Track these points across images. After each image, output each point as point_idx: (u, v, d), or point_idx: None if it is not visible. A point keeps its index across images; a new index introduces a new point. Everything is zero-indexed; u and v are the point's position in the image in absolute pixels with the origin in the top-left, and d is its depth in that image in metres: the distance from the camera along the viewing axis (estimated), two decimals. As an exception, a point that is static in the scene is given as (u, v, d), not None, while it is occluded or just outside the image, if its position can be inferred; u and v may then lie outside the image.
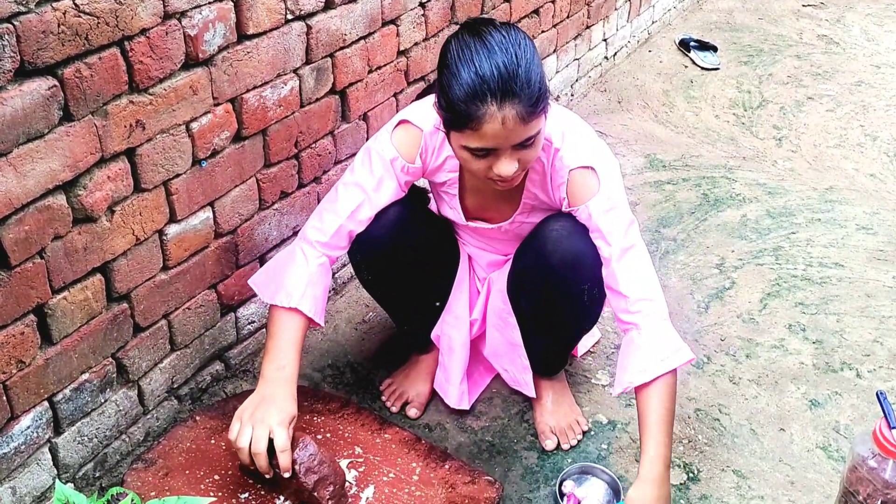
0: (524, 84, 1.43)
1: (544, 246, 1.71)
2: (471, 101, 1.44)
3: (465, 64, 1.45)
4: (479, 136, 1.46)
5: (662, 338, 1.63)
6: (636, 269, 1.64)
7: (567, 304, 1.79)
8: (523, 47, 1.46)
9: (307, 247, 1.73)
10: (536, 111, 1.46)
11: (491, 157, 1.51)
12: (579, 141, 1.66)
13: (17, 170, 1.37)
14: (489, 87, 1.42)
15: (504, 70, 1.42)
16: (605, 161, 1.65)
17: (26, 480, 1.58)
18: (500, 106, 1.43)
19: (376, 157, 1.72)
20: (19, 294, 1.45)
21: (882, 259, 2.64)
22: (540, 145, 1.55)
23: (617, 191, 1.65)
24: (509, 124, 1.44)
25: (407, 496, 1.64)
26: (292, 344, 1.66)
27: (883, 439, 1.55)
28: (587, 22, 3.47)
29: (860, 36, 4.49)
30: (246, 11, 1.73)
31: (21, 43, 1.31)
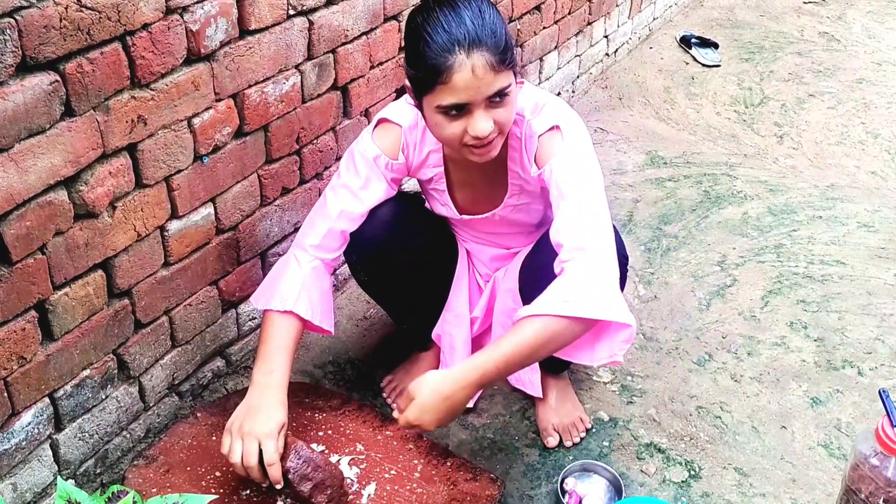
0: (490, 33, 1.47)
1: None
2: (440, 53, 1.47)
3: (433, 24, 1.49)
4: (451, 90, 1.48)
5: (584, 287, 1.48)
6: (580, 221, 1.55)
7: None
8: (486, 5, 1.52)
9: (299, 252, 1.75)
10: (505, 61, 1.49)
11: (465, 116, 1.52)
12: (548, 109, 1.67)
13: (18, 165, 1.36)
14: (457, 38, 1.46)
15: (470, 22, 1.47)
16: (570, 122, 1.65)
17: (27, 477, 1.58)
18: (469, 53, 1.46)
19: (360, 158, 1.74)
20: (20, 290, 1.45)
21: (883, 256, 2.64)
22: (513, 106, 1.56)
23: (580, 148, 1.63)
24: (479, 72, 1.46)
25: (408, 493, 1.64)
26: (282, 348, 1.65)
27: (885, 437, 1.55)
28: (588, 18, 3.46)
29: (861, 33, 4.48)
30: (248, 7, 1.73)
31: (23, 37, 1.31)
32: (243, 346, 2.10)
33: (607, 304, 1.49)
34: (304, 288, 1.70)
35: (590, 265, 1.51)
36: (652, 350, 2.24)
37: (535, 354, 1.50)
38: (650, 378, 2.14)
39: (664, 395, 2.09)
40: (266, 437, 1.53)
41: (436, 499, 1.63)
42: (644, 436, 1.97)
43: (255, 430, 1.54)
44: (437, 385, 1.48)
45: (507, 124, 1.57)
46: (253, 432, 1.54)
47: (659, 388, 2.11)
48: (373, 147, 1.74)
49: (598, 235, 1.55)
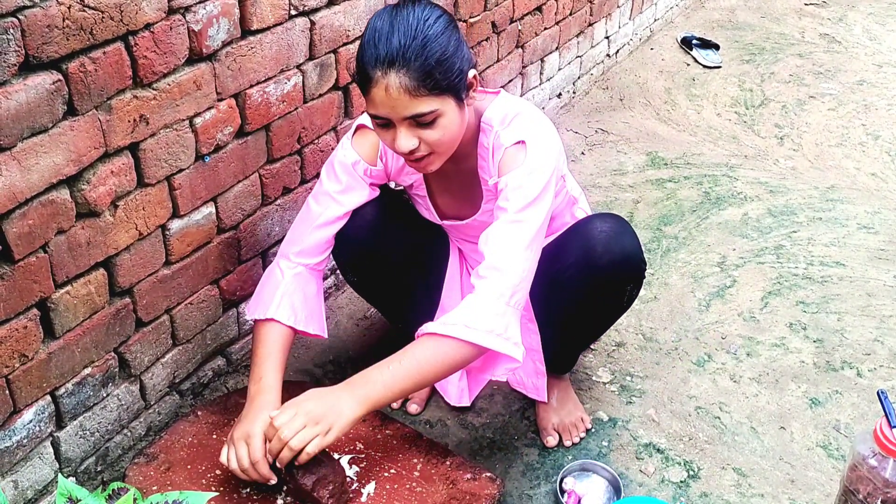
0: (414, 56, 1.45)
1: (593, 247, 1.71)
2: (364, 64, 1.49)
3: (369, 33, 1.50)
4: (371, 102, 1.51)
5: (488, 314, 1.53)
6: (508, 240, 1.57)
7: (608, 304, 1.82)
8: (433, 27, 1.48)
9: (282, 261, 1.77)
10: (427, 87, 1.46)
11: (392, 129, 1.53)
12: (520, 122, 1.64)
13: (21, 164, 1.37)
14: (378, 54, 1.46)
15: (397, 40, 1.46)
16: (538, 139, 1.62)
17: (28, 474, 1.59)
18: (385, 72, 1.46)
19: (339, 165, 1.75)
20: (22, 288, 1.45)
21: (883, 258, 2.64)
22: (449, 130, 1.53)
23: (540, 169, 1.59)
24: (392, 92, 1.46)
25: (408, 492, 1.65)
26: (268, 355, 1.67)
27: (883, 438, 1.55)
28: (589, 19, 3.47)
29: (862, 35, 4.49)
30: (250, 7, 1.74)
31: (26, 37, 1.31)
32: (244, 345, 2.10)
33: (503, 335, 1.54)
34: (286, 294, 1.72)
35: (498, 292, 1.55)
36: (651, 350, 2.24)
37: (427, 375, 1.54)
38: (649, 378, 2.15)
39: (663, 395, 2.10)
40: (250, 437, 1.53)
41: (435, 498, 1.63)
42: (643, 436, 1.98)
43: (243, 432, 1.55)
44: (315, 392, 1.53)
45: (441, 145, 1.54)
46: (241, 435, 1.55)
47: (658, 388, 2.12)
48: (352, 153, 1.74)
49: (515, 259, 1.56)
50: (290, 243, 1.77)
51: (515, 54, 2.96)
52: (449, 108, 1.52)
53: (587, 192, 2.98)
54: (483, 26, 2.67)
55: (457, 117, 1.55)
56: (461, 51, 1.53)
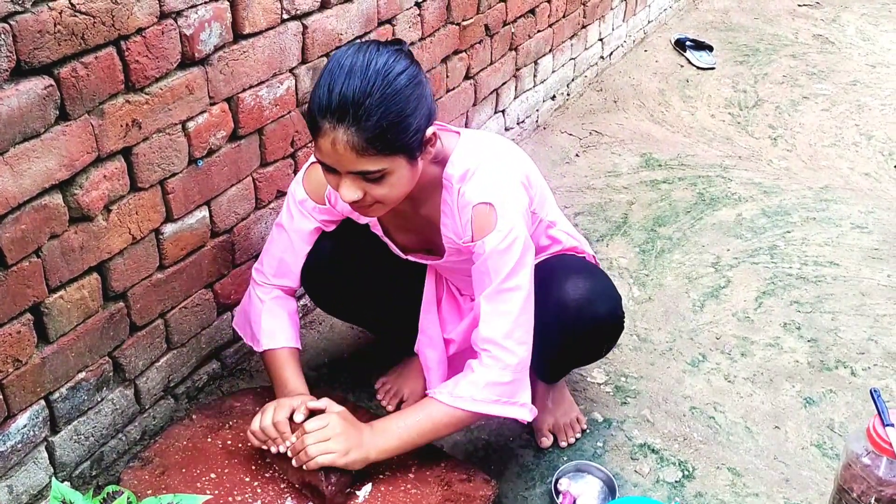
0: (366, 115, 1.38)
1: (566, 315, 1.70)
2: (315, 110, 1.42)
3: (327, 74, 1.42)
4: (318, 149, 1.45)
5: (493, 384, 1.59)
6: (501, 312, 1.59)
7: (585, 358, 1.88)
8: (394, 84, 1.40)
9: (258, 289, 1.82)
10: (375, 147, 1.40)
11: (337, 176, 1.47)
12: (484, 178, 1.58)
13: (13, 169, 1.37)
14: (329, 104, 1.39)
15: (350, 94, 1.38)
16: (507, 197, 1.58)
17: (23, 479, 1.59)
18: (334, 126, 1.39)
19: (291, 199, 1.76)
20: (16, 293, 1.45)
21: (877, 258, 2.65)
22: (397, 187, 1.49)
23: (515, 230, 1.56)
24: (339, 148, 1.40)
25: (403, 494, 1.65)
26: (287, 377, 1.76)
27: (877, 437, 1.56)
28: (583, 21, 3.48)
29: (855, 35, 4.50)
30: (242, 11, 1.74)
31: (17, 42, 1.31)
32: (238, 349, 2.10)
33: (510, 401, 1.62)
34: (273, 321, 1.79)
35: (501, 364, 1.60)
36: (646, 351, 2.25)
37: (430, 438, 1.65)
38: (644, 379, 2.15)
39: (658, 395, 2.10)
40: (281, 405, 1.61)
41: (430, 499, 1.63)
42: (638, 436, 1.98)
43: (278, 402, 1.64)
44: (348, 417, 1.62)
45: (387, 199, 1.50)
46: (274, 403, 1.64)
47: (653, 388, 2.12)
48: (300, 190, 1.73)
49: (513, 329, 1.59)
50: (258, 273, 1.82)
51: (509, 57, 2.96)
52: (399, 167, 1.46)
53: (581, 193, 2.99)
54: (476, 29, 2.68)
55: (406, 174, 1.49)
56: (421, 108, 1.45)
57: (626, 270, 2.57)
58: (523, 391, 1.64)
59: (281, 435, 1.59)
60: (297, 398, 1.65)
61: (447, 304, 1.94)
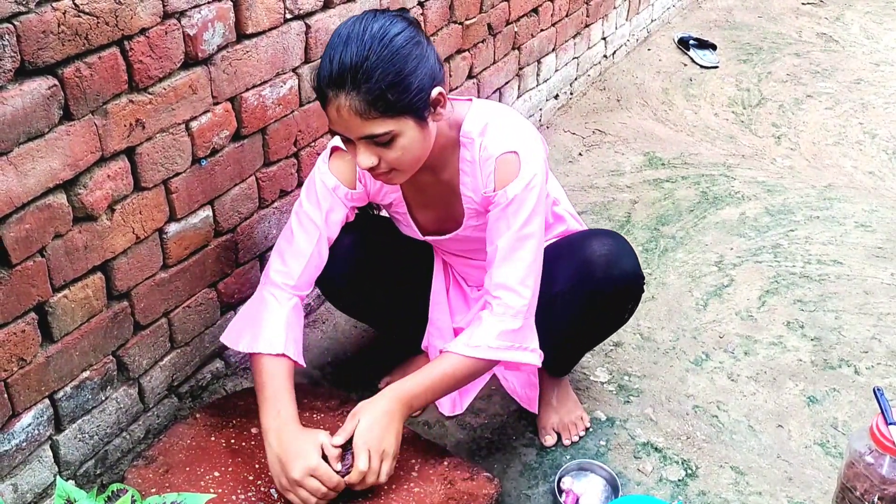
0: (364, 79, 1.40)
1: (593, 271, 1.70)
2: (319, 81, 1.46)
3: (328, 48, 1.45)
4: (329, 119, 1.49)
5: (505, 332, 1.62)
6: (517, 258, 1.61)
7: (607, 321, 1.85)
8: (390, 45, 1.42)
9: (277, 291, 1.71)
10: (377, 109, 1.42)
11: (353, 144, 1.50)
12: (503, 128, 1.62)
13: (17, 169, 1.38)
14: (329, 73, 1.43)
15: (347, 60, 1.41)
16: (529, 145, 1.61)
17: (28, 477, 1.59)
18: (336, 94, 1.43)
19: (321, 188, 1.72)
20: (20, 292, 1.46)
21: (880, 256, 2.64)
22: (410, 150, 1.50)
23: (537, 176, 1.60)
24: (343, 113, 1.43)
25: (406, 492, 1.65)
26: (282, 389, 1.63)
27: (880, 435, 1.56)
28: (586, 20, 3.47)
29: (859, 34, 4.50)
30: (245, 11, 1.74)
31: (21, 43, 1.32)
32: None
33: (521, 346, 1.64)
34: (289, 328, 1.69)
35: (513, 309, 1.62)
36: (649, 350, 2.25)
37: (453, 385, 1.66)
38: (647, 378, 2.15)
39: (661, 394, 2.10)
40: (316, 469, 1.53)
41: (433, 498, 1.64)
42: (641, 435, 1.98)
43: (300, 470, 1.52)
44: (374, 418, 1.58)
45: (402, 163, 1.51)
46: (300, 476, 1.52)
47: (656, 387, 2.12)
48: (331, 177, 1.71)
49: (525, 276, 1.62)
50: (280, 273, 1.71)
51: (512, 56, 2.97)
52: (407, 128, 1.47)
53: (585, 192, 2.99)
54: (479, 28, 2.68)
55: (417, 136, 1.50)
56: (422, 68, 1.46)
57: (629, 269, 2.57)
58: (532, 336, 1.66)
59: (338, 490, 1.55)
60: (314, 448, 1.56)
61: (454, 294, 1.97)
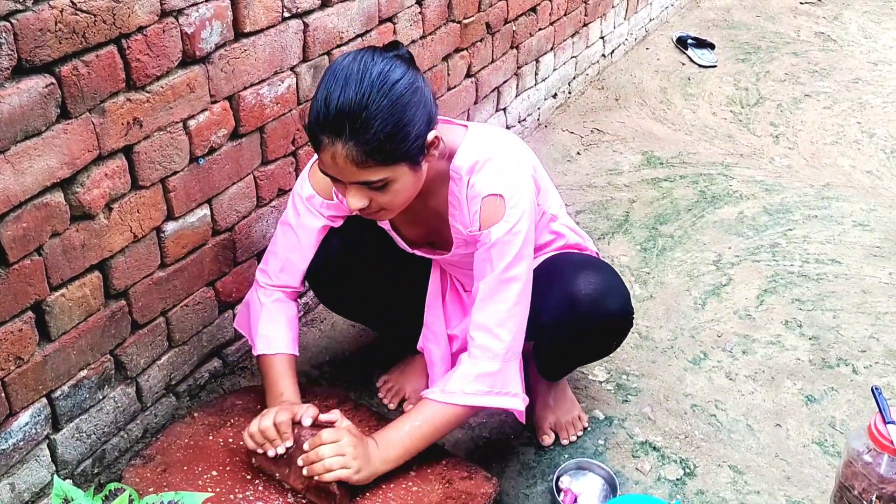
0: (362, 129, 1.38)
1: (577, 310, 1.69)
2: (314, 124, 1.43)
3: (323, 87, 1.42)
4: (320, 161, 1.46)
5: (482, 375, 1.61)
6: (497, 300, 1.61)
7: (595, 352, 1.87)
8: (391, 93, 1.40)
9: (260, 292, 1.80)
10: (375, 159, 1.41)
11: (343, 184, 1.48)
12: (494, 169, 1.59)
13: (14, 167, 1.37)
14: (326, 118, 1.40)
15: (346, 107, 1.38)
16: (516, 190, 1.59)
17: (25, 477, 1.59)
18: (332, 141, 1.40)
19: (297, 196, 1.74)
20: (17, 291, 1.46)
21: (878, 255, 2.65)
22: (402, 193, 1.50)
23: (521, 222, 1.58)
24: (339, 161, 1.41)
25: (404, 492, 1.65)
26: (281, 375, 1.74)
27: (878, 434, 1.56)
28: (584, 20, 3.47)
29: (857, 33, 4.50)
30: (243, 9, 1.74)
31: (18, 41, 1.32)
32: (240, 347, 2.11)
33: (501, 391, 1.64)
34: (271, 324, 1.77)
35: (493, 354, 1.62)
36: (647, 349, 2.25)
37: (432, 439, 1.65)
38: (645, 377, 2.15)
39: (659, 393, 2.10)
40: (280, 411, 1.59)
41: (431, 497, 1.63)
42: (639, 434, 1.98)
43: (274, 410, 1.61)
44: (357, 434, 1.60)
45: (393, 205, 1.51)
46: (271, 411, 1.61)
47: (654, 386, 2.12)
48: (307, 187, 1.72)
49: (507, 320, 1.62)
50: (262, 273, 1.80)
51: (510, 55, 2.96)
52: (401, 174, 1.47)
53: (583, 191, 2.99)
54: (477, 27, 2.68)
55: (410, 179, 1.50)
56: (420, 115, 1.45)
57: (627, 268, 2.57)
58: (514, 381, 1.65)
59: (281, 436, 1.58)
60: (300, 406, 1.64)
61: (451, 299, 1.95)
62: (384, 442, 1.62)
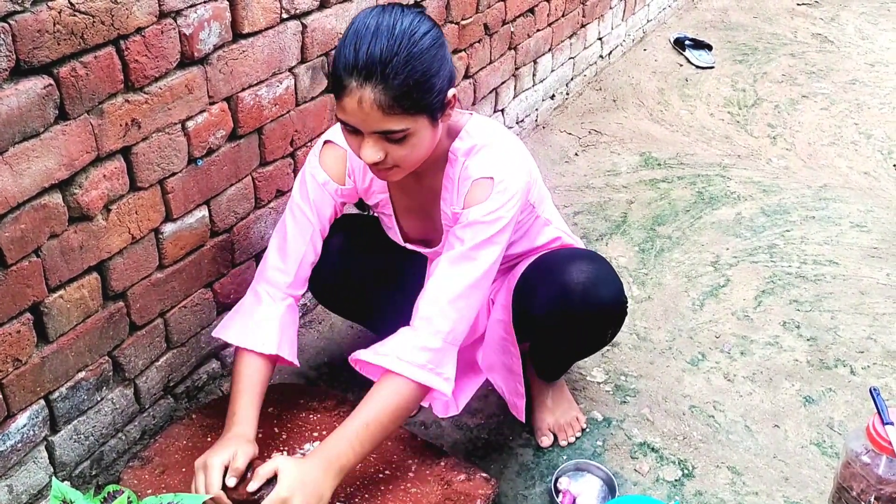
0: (393, 74, 1.39)
1: (570, 299, 1.69)
2: (341, 70, 1.42)
3: (353, 35, 1.42)
4: (342, 109, 1.45)
5: (421, 347, 1.55)
6: (455, 276, 1.57)
7: (589, 344, 1.86)
8: (420, 43, 1.42)
9: (272, 289, 1.71)
10: (401, 106, 1.41)
11: (360, 136, 1.48)
12: (490, 155, 1.60)
13: (12, 168, 1.37)
14: (355, 63, 1.40)
15: (377, 53, 1.39)
16: (507, 177, 1.58)
17: (23, 478, 1.59)
18: (361, 84, 1.40)
19: (311, 183, 1.72)
20: (15, 292, 1.45)
21: (876, 256, 2.65)
22: (418, 149, 1.49)
23: (504, 209, 1.57)
24: (365, 106, 1.41)
25: (403, 493, 1.65)
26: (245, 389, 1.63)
27: (876, 435, 1.56)
28: (582, 21, 3.48)
29: (854, 34, 4.51)
30: (241, 10, 1.74)
31: (17, 42, 1.31)
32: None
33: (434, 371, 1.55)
34: (284, 329, 1.69)
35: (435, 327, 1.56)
36: (645, 350, 2.25)
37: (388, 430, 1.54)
38: (644, 378, 2.15)
39: (658, 394, 2.10)
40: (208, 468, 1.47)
41: (430, 498, 1.63)
42: (637, 435, 1.98)
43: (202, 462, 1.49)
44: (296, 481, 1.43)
45: (407, 161, 1.50)
46: (200, 465, 1.49)
47: (652, 387, 2.12)
48: (321, 172, 1.71)
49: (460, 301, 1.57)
50: (276, 271, 1.71)
51: (508, 56, 2.96)
52: (421, 127, 1.47)
53: (581, 192, 2.99)
54: (475, 28, 2.68)
55: (428, 135, 1.50)
56: (444, 69, 1.47)
57: (625, 269, 2.57)
58: (450, 364, 1.59)
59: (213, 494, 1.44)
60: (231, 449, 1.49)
61: None
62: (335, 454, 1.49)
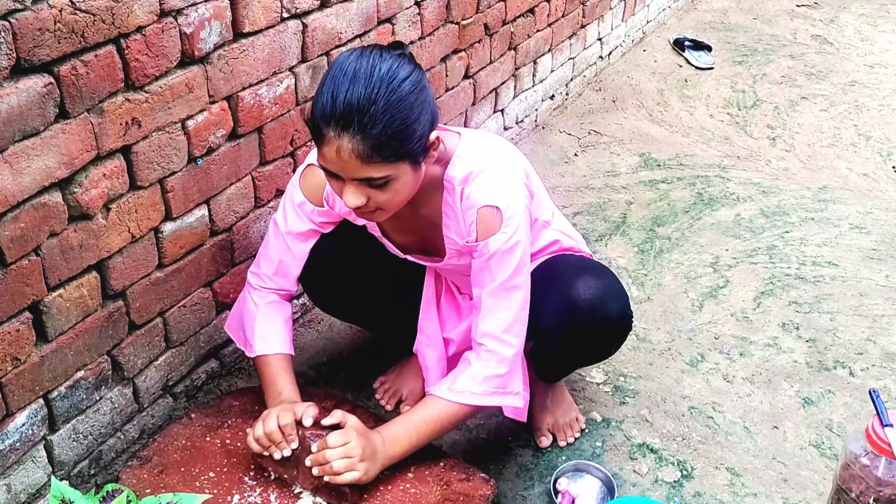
0: (371, 123, 1.37)
1: (578, 314, 1.69)
2: (319, 117, 1.41)
3: (330, 81, 1.40)
4: (322, 156, 1.44)
5: (489, 377, 1.64)
6: (502, 308, 1.63)
7: (594, 355, 1.88)
8: (398, 90, 1.39)
9: (254, 293, 1.81)
10: (380, 155, 1.40)
11: (341, 181, 1.47)
12: (488, 180, 1.59)
13: (12, 167, 1.37)
14: (333, 112, 1.38)
15: (355, 101, 1.37)
16: (511, 200, 1.59)
17: (21, 478, 1.58)
18: (339, 134, 1.38)
19: (289, 202, 1.74)
20: (14, 291, 1.45)
21: (875, 258, 2.65)
22: (401, 193, 1.49)
23: (518, 232, 1.59)
24: (344, 155, 1.40)
25: (402, 493, 1.65)
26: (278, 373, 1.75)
27: (875, 437, 1.56)
28: (582, 21, 3.47)
29: (854, 36, 4.51)
30: (242, 10, 1.74)
31: (17, 40, 1.31)
32: (237, 348, 2.09)
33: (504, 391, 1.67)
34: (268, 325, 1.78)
35: (499, 357, 1.65)
36: (644, 351, 2.25)
37: (437, 434, 1.68)
38: (643, 379, 2.15)
39: (657, 395, 2.10)
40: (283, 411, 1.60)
41: (429, 499, 1.63)
42: (636, 436, 1.98)
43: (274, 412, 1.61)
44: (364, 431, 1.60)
45: (390, 204, 1.50)
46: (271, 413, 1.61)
47: (651, 388, 2.12)
48: (298, 193, 1.72)
49: (512, 326, 1.64)
50: (255, 276, 1.81)
51: (508, 56, 2.96)
52: (403, 172, 1.46)
53: (580, 193, 2.99)
54: (475, 28, 2.68)
55: (410, 179, 1.49)
56: (425, 114, 1.45)
57: (624, 270, 2.57)
58: (517, 379, 1.69)
59: (286, 438, 1.58)
60: (300, 405, 1.64)
61: (446, 303, 1.94)
62: (391, 438, 1.63)
